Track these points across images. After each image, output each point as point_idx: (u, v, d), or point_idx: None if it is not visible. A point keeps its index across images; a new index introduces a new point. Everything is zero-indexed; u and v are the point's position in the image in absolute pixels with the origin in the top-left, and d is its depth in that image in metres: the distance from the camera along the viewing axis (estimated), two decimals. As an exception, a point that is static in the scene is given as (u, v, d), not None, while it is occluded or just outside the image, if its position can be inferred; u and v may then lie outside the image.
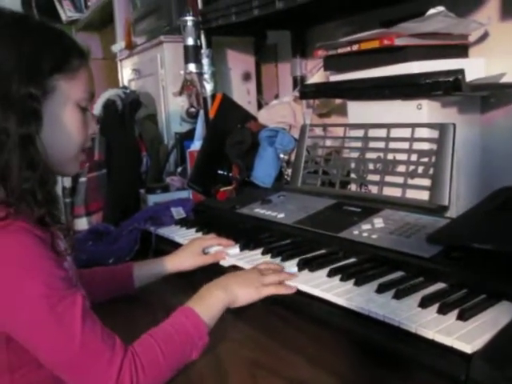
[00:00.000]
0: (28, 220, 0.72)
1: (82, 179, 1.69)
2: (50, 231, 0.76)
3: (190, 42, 1.76)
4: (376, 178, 1.20)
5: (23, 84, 0.74)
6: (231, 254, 1.09)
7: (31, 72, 0.76)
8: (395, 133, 1.17)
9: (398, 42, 1.12)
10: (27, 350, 0.74)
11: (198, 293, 0.87)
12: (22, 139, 0.74)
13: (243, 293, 0.89)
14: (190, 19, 1.74)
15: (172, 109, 2.06)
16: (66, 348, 0.69)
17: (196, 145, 1.78)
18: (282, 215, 1.21)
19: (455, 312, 0.72)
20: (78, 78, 0.83)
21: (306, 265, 0.96)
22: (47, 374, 0.79)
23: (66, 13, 3.46)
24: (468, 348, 0.64)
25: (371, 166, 1.22)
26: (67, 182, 1.67)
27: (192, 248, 1.13)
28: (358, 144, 1.26)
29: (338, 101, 1.60)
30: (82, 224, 1.66)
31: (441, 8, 1.13)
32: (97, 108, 1.80)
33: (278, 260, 1.02)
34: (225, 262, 1.08)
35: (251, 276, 0.92)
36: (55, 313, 0.69)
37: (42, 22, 0.83)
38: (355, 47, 1.22)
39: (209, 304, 0.84)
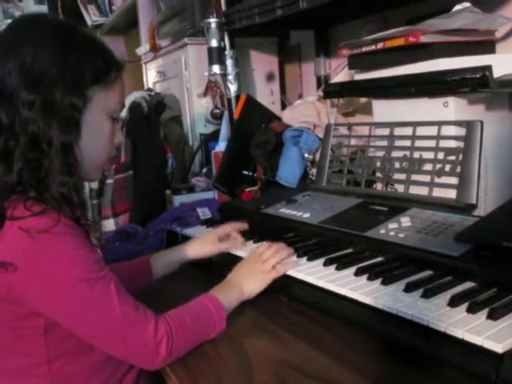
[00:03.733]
0: (65, 215, 0.77)
1: (109, 181, 1.72)
2: (85, 228, 0.81)
3: (214, 43, 1.77)
4: (402, 176, 1.19)
5: (67, 93, 0.77)
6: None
7: (75, 82, 0.79)
8: (421, 131, 1.16)
9: (424, 39, 1.11)
10: (64, 341, 0.80)
11: (217, 286, 0.94)
12: (63, 147, 0.77)
13: (254, 286, 0.97)
14: (213, 21, 1.75)
15: (196, 110, 2.07)
16: (109, 321, 0.77)
17: (221, 146, 1.78)
18: (307, 215, 1.21)
19: (485, 311, 0.71)
20: (113, 90, 0.85)
21: (332, 264, 0.96)
22: (83, 364, 0.85)
23: (91, 17, 3.52)
24: (499, 347, 0.63)
25: (397, 165, 1.21)
26: (94, 183, 1.69)
27: (208, 236, 1.17)
28: (384, 143, 1.25)
29: (363, 100, 1.59)
30: (109, 225, 1.69)
31: (466, 4, 1.12)
32: (122, 111, 1.83)
33: (303, 260, 1.02)
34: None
35: (256, 266, 1.00)
36: (95, 292, 0.76)
37: (86, 33, 0.86)
38: (380, 45, 1.22)
39: (228, 297, 0.92)
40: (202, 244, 1.16)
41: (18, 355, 0.81)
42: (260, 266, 1.00)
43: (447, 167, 1.10)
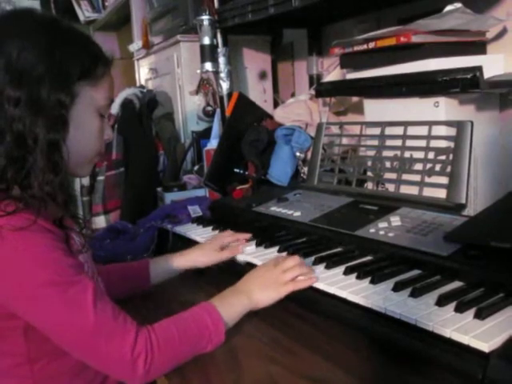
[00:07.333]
0: (41, 215, 0.74)
1: (100, 178, 1.71)
2: (64, 230, 0.78)
3: (207, 41, 1.77)
4: (393, 176, 1.19)
5: (53, 90, 0.76)
6: (247, 251, 1.10)
7: (61, 78, 0.77)
8: (412, 131, 1.17)
9: (415, 39, 1.12)
10: (45, 341, 0.77)
11: (222, 293, 0.88)
12: (49, 145, 0.75)
13: (264, 296, 0.89)
14: (206, 18, 1.75)
15: (189, 108, 2.07)
16: (81, 329, 0.72)
17: (212, 143, 1.78)
18: (298, 213, 1.21)
19: (472, 310, 0.72)
20: (100, 86, 0.84)
21: (322, 263, 0.97)
22: (66, 364, 0.82)
23: (84, 13, 3.50)
24: (485, 347, 0.63)
25: (388, 164, 1.21)
26: (85, 180, 1.69)
27: (209, 245, 1.14)
28: (375, 142, 1.25)
29: (355, 99, 1.60)
30: (100, 222, 1.68)
31: (458, 4, 1.12)
32: (114, 107, 1.82)
33: (294, 258, 1.02)
34: (241, 258, 1.09)
35: (272, 276, 0.91)
36: (67, 297, 0.72)
37: (73, 28, 0.84)
38: (372, 45, 1.22)
39: (231, 306, 0.86)
40: (202, 253, 1.12)
41: (1, 355, 0.79)
42: (278, 274, 0.91)
43: (437, 167, 1.11)
